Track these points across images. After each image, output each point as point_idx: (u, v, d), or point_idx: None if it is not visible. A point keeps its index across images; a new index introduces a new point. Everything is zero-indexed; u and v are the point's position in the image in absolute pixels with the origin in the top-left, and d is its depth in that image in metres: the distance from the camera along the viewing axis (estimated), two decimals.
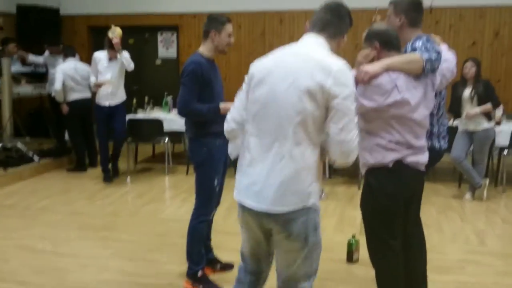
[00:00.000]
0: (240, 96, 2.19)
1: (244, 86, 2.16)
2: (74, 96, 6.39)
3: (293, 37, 7.84)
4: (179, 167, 6.78)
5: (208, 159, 3.09)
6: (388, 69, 2.41)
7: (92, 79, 6.00)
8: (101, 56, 5.94)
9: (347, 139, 1.94)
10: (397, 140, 2.44)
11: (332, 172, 6.40)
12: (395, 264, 2.61)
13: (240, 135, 2.18)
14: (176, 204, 5.23)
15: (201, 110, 3.03)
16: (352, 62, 2.57)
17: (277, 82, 1.99)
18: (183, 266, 3.34)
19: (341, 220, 4.67)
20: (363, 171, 2.62)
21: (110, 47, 5.80)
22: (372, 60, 2.50)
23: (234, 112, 2.20)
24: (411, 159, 2.47)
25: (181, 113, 3.07)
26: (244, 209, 2.09)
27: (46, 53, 7.07)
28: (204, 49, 3.14)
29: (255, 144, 2.03)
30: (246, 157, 2.08)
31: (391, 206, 2.53)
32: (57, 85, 6.20)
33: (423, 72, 2.42)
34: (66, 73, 6.27)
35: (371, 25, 2.71)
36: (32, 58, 7.19)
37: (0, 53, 6.55)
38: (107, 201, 5.31)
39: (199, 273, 3.22)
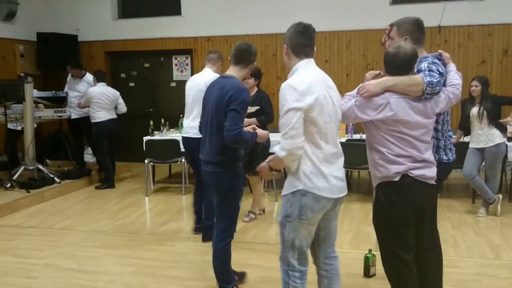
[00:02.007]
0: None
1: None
2: (102, 116, 6.75)
3: None
4: None
5: (236, 183, 3.20)
6: (389, 90, 2.53)
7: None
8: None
9: None
10: (398, 153, 2.54)
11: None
12: (409, 278, 2.67)
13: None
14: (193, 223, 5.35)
15: (248, 137, 3.05)
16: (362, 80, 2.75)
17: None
18: (203, 282, 3.47)
19: (356, 236, 4.75)
20: (374, 186, 2.73)
21: None
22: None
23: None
24: (418, 172, 2.56)
25: (234, 140, 2.99)
26: (329, 201, 2.57)
27: (69, 76, 7.33)
28: (237, 75, 3.25)
29: (327, 148, 2.54)
30: (316, 162, 2.53)
31: (401, 220, 2.61)
32: (87, 101, 6.79)
33: (423, 95, 2.52)
34: (97, 96, 6.69)
35: (382, 45, 2.88)
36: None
37: (22, 80, 6.80)
38: (127, 221, 5.45)
39: None
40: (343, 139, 6.22)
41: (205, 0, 8.36)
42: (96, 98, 6.69)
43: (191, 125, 4.61)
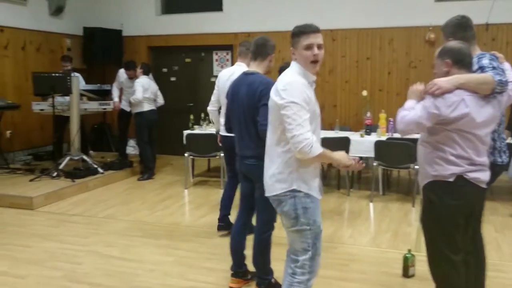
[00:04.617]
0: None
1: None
2: (145, 107, 6.98)
3: (346, 56, 7.96)
4: None
5: None
6: (461, 87, 2.48)
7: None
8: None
9: None
10: (459, 154, 2.50)
11: (386, 189, 6.41)
12: (456, 279, 2.63)
13: None
14: (231, 216, 5.41)
15: None
16: (407, 80, 2.71)
17: None
18: None
19: (395, 236, 4.69)
20: (422, 184, 2.70)
21: None
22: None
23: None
24: (473, 175, 2.53)
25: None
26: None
27: (124, 75, 7.52)
28: (259, 69, 3.36)
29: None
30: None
31: (452, 220, 2.58)
32: (139, 95, 6.87)
33: (491, 93, 2.48)
34: (144, 87, 6.91)
35: (426, 42, 2.88)
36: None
37: (69, 72, 7.05)
38: (167, 212, 5.57)
39: (273, 280, 3.41)
40: (384, 138, 6.14)
41: None
42: (143, 89, 6.94)
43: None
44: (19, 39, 7.89)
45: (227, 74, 4.48)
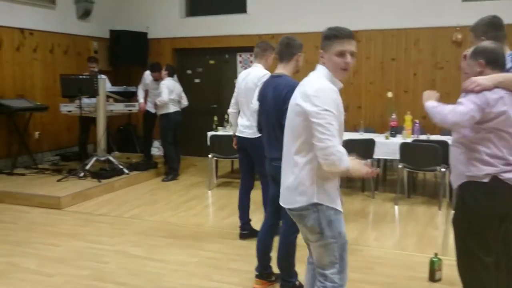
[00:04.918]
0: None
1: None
2: (171, 109, 7.11)
3: (370, 57, 7.89)
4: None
5: None
6: (498, 86, 2.47)
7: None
8: None
9: None
10: (494, 153, 2.47)
11: (412, 192, 6.33)
12: (488, 281, 2.60)
13: None
14: (255, 218, 5.41)
15: None
16: (433, 82, 2.67)
17: None
18: None
19: (421, 240, 4.63)
20: (455, 185, 2.66)
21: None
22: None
23: None
24: (508, 175, 2.50)
25: None
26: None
27: (149, 77, 7.62)
28: (286, 71, 3.34)
29: None
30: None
31: (485, 221, 2.55)
32: (165, 97, 6.96)
33: None
34: (169, 88, 7.01)
35: (452, 42, 2.85)
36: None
37: (95, 73, 7.17)
38: (191, 213, 5.62)
39: (297, 283, 3.41)
40: (409, 140, 6.07)
41: None
42: (168, 90, 7.02)
43: (246, 124, 4.42)
44: (47, 42, 8.07)
45: (243, 75, 4.49)
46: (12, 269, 3.98)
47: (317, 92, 2.31)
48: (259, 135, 3.76)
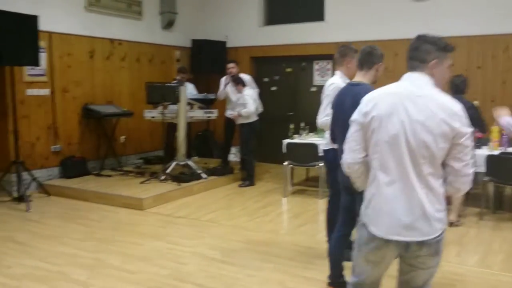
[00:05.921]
0: None
1: None
2: (253, 117, 7.34)
3: (454, 65, 7.54)
4: None
5: None
6: None
7: None
8: None
9: None
10: None
11: (498, 207, 5.97)
12: None
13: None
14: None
15: None
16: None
17: None
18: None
19: (508, 259, 4.36)
20: None
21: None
22: None
23: None
24: None
25: None
26: (390, 243, 2.22)
27: (229, 82, 7.82)
28: (365, 79, 3.32)
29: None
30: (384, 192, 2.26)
31: None
32: (252, 108, 7.24)
33: None
34: (253, 98, 7.29)
35: None
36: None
37: (177, 82, 7.48)
38: (266, 219, 5.68)
39: None
40: (496, 152, 5.74)
41: (349, 5, 8.36)
42: (253, 100, 7.28)
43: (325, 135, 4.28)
44: (134, 51, 8.54)
45: (327, 84, 4.37)
46: (99, 264, 4.24)
47: (461, 110, 2.16)
48: (331, 146, 3.72)
